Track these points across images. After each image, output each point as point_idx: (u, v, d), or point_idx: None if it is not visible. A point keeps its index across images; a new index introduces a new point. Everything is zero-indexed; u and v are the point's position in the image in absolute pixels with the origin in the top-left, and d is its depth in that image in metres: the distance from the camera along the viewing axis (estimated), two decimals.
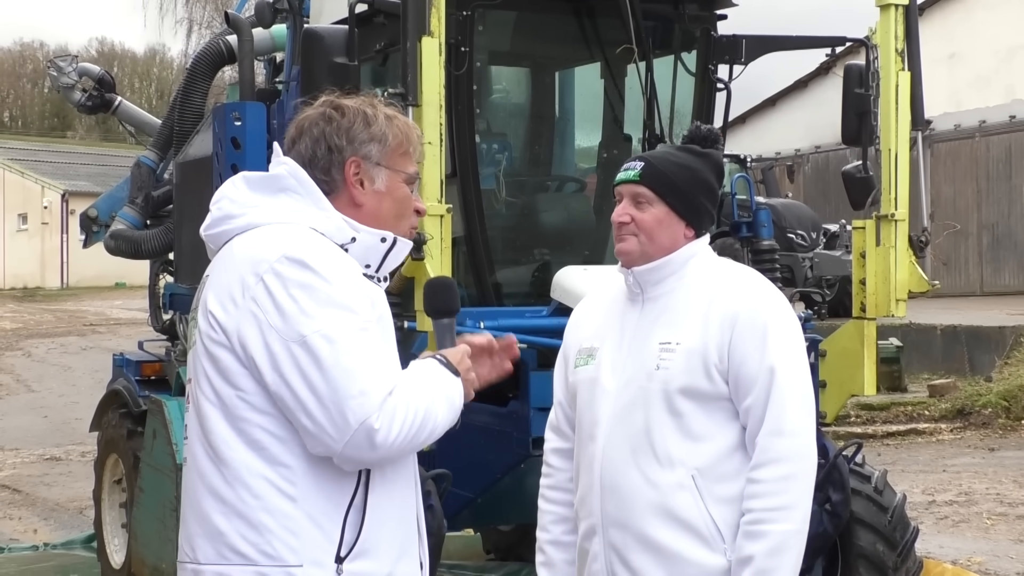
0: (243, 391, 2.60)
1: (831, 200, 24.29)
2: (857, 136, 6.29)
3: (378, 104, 2.84)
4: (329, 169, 2.76)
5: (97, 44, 69.10)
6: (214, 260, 2.76)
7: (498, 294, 6.34)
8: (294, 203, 2.72)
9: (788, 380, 3.12)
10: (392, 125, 2.81)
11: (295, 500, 2.57)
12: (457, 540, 8.19)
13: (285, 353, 2.54)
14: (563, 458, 3.45)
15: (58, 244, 45.01)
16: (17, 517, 10.46)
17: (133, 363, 8.04)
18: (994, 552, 8.55)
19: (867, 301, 6.14)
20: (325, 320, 2.54)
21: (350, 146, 2.77)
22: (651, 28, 6.54)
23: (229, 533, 2.59)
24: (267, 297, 2.57)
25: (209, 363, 2.64)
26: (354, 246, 2.71)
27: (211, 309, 2.64)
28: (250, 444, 2.59)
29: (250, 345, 2.58)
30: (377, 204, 2.79)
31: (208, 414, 2.64)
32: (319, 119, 2.79)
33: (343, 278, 2.61)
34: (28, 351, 23.51)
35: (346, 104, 2.80)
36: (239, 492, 2.58)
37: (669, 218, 3.27)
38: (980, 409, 14.22)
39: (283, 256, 2.59)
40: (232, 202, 2.75)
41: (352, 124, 2.77)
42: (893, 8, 6.10)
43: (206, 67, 7.88)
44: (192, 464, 2.69)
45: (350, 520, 2.61)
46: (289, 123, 2.88)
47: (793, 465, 3.10)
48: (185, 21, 40.98)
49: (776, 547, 3.06)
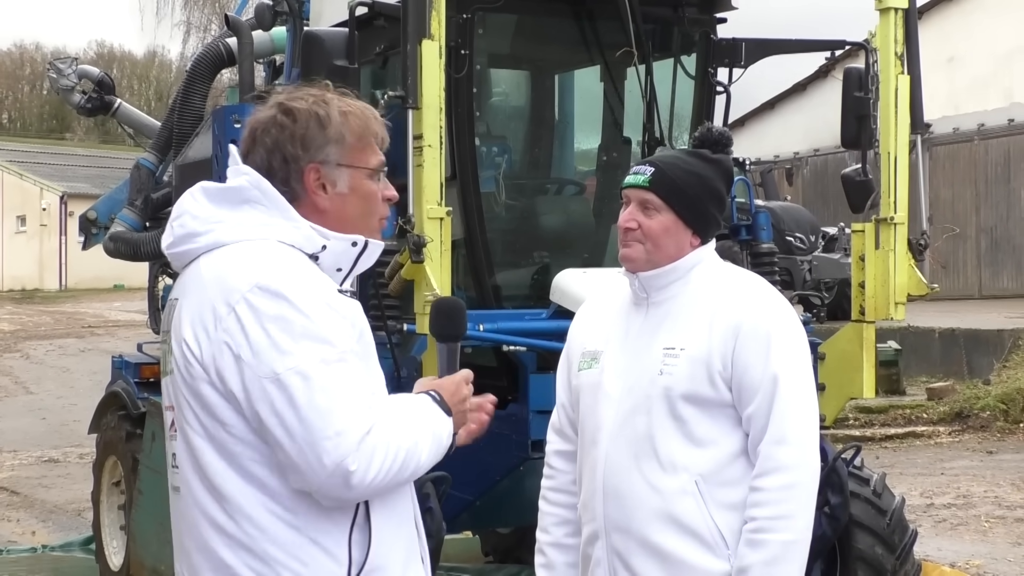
0: (228, 424, 2.52)
1: (830, 203, 24.33)
2: (856, 139, 6.30)
3: (330, 99, 2.68)
4: (288, 180, 2.64)
5: (96, 46, 69.17)
6: (181, 280, 2.67)
7: (497, 296, 6.34)
8: (259, 216, 2.61)
9: (791, 389, 3.12)
10: (348, 121, 2.67)
11: (298, 528, 2.52)
12: (456, 543, 8.18)
13: (259, 390, 2.46)
14: (565, 460, 3.45)
15: (56, 246, 44.99)
16: (15, 519, 10.45)
17: (132, 365, 8.03)
18: (992, 555, 8.55)
19: (866, 304, 6.15)
20: (300, 355, 2.45)
21: (306, 153, 2.64)
22: (651, 31, 6.55)
23: (236, 566, 2.54)
24: (239, 331, 2.48)
25: (191, 396, 2.56)
26: (325, 254, 2.62)
27: (186, 339, 2.55)
28: (245, 476, 2.53)
29: (227, 379, 2.50)
30: (341, 206, 2.68)
31: (199, 447, 2.57)
32: (271, 126, 2.66)
33: (318, 306, 2.50)
34: (26, 353, 23.49)
35: (297, 107, 2.66)
36: (242, 525, 2.53)
37: (676, 226, 3.25)
38: (978, 412, 14.23)
39: (255, 286, 2.49)
40: (195, 218, 2.64)
41: (306, 129, 2.64)
42: (893, 12, 6.11)
43: (205, 69, 7.88)
44: (188, 496, 2.62)
45: (355, 539, 2.56)
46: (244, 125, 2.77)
47: (796, 474, 3.10)
48: (183, 24, 41.00)
49: (776, 557, 3.07)
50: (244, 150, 2.70)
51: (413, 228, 5.32)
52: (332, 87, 2.75)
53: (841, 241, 19.35)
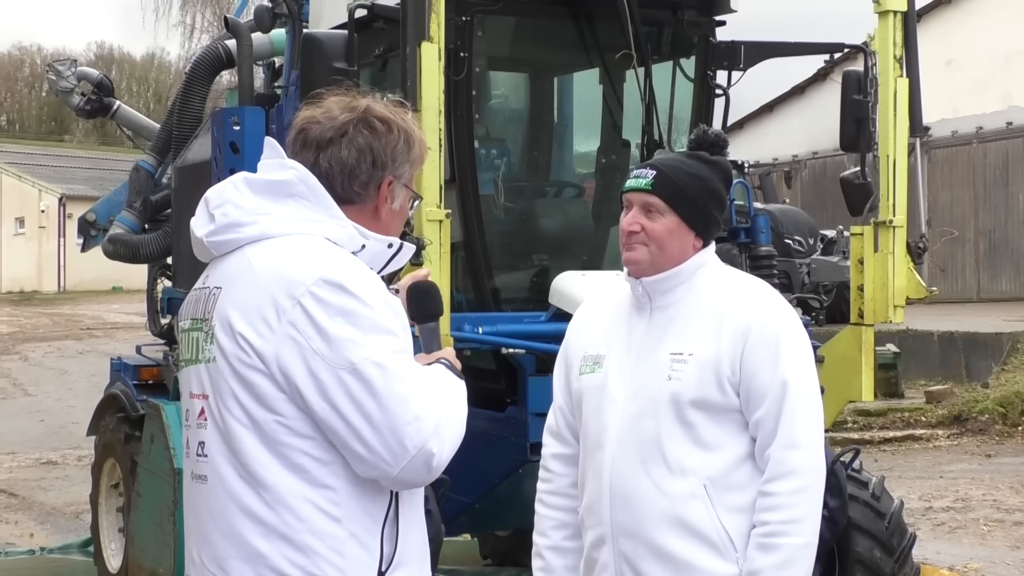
0: (283, 416, 2.56)
1: (828, 206, 24.32)
2: (855, 142, 6.30)
3: (410, 120, 2.80)
4: (368, 184, 2.72)
5: (95, 48, 69.22)
6: (221, 268, 2.69)
7: (496, 299, 6.34)
8: (305, 211, 2.66)
9: (800, 393, 3.13)
10: (422, 147, 2.81)
11: (340, 521, 2.57)
12: (454, 545, 8.19)
13: (334, 381, 2.52)
14: (563, 463, 3.44)
15: (55, 248, 44.97)
16: (13, 521, 10.44)
17: (131, 367, 8.03)
18: (991, 559, 8.56)
19: (865, 307, 6.15)
20: (372, 346, 2.53)
21: (392, 165, 2.74)
22: (650, 34, 6.55)
23: (272, 555, 2.57)
24: (309, 323, 2.53)
25: (240, 386, 2.58)
26: (362, 253, 2.69)
27: (240, 331, 2.57)
28: (291, 467, 2.56)
29: (292, 372, 2.53)
30: (390, 221, 2.79)
31: (240, 436, 2.59)
32: (363, 127, 2.72)
33: (379, 300, 2.59)
34: (25, 355, 23.47)
35: (391, 118, 2.75)
36: (282, 515, 2.56)
37: (680, 229, 3.25)
38: (977, 415, 14.23)
39: (320, 279, 2.55)
40: (238, 208, 2.67)
41: (398, 142, 2.74)
42: (892, 15, 6.12)
43: (205, 71, 7.88)
44: (219, 484, 2.63)
45: (387, 534, 2.62)
46: (301, 115, 2.78)
47: (806, 478, 3.11)
48: (182, 25, 40.97)
49: (787, 560, 3.08)
50: (321, 141, 2.71)
51: (412, 230, 5.32)
52: (385, 97, 2.84)
53: (840, 244, 19.35)
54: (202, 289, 2.74)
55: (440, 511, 5.15)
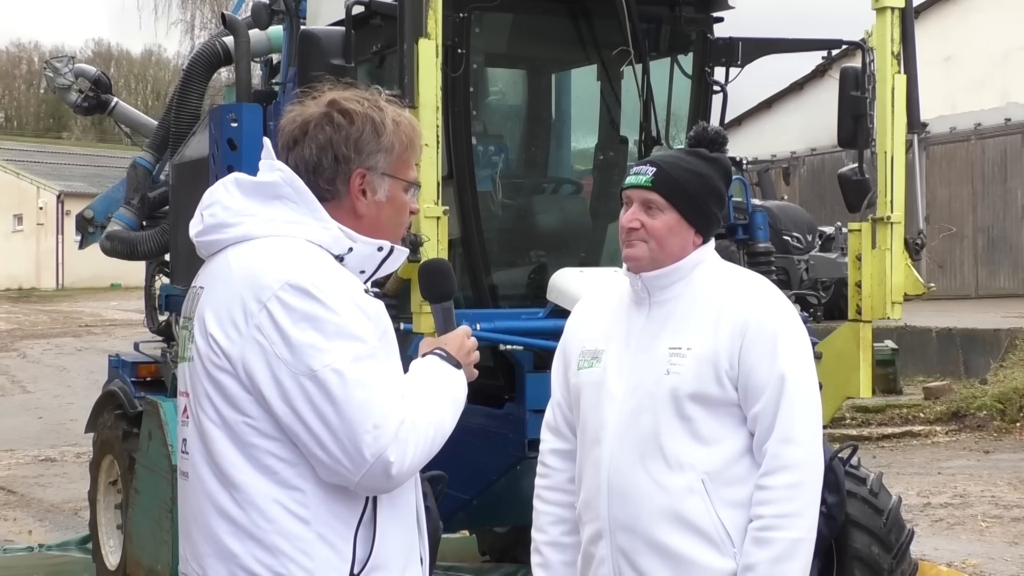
0: (251, 417, 2.57)
1: (826, 202, 24.32)
2: (853, 139, 6.30)
3: (384, 105, 2.74)
4: (334, 179, 2.69)
5: (93, 45, 69.17)
6: (206, 269, 2.71)
7: (494, 296, 6.34)
8: (290, 213, 2.65)
9: (798, 388, 3.14)
10: (399, 132, 2.73)
11: (308, 522, 2.57)
12: (453, 542, 8.19)
13: (295, 387, 2.51)
14: (561, 459, 3.44)
15: (53, 245, 44.95)
16: (12, 518, 10.44)
17: (129, 364, 8.03)
18: (989, 555, 8.56)
19: (863, 303, 6.15)
20: (335, 353, 2.51)
21: (358, 157, 2.69)
22: (647, 30, 6.55)
23: (242, 555, 2.58)
24: (273, 328, 2.53)
25: (212, 386, 2.60)
26: (350, 256, 2.67)
27: (211, 332, 2.59)
28: (260, 468, 2.57)
29: (256, 375, 2.54)
30: (376, 214, 2.74)
31: (213, 436, 2.60)
32: (324, 123, 2.69)
33: (347, 304, 2.56)
34: (23, 352, 23.48)
35: (353, 109, 2.69)
36: (251, 515, 2.57)
37: (680, 225, 3.26)
38: (975, 412, 14.23)
39: (286, 283, 2.54)
40: (225, 209, 2.68)
41: (361, 133, 2.69)
42: (889, 11, 6.11)
43: (202, 68, 7.88)
44: (197, 482, 2.66)
45: (360, 537, 2.61)
46: (284, 115, 2.78)
47: (802, 473, 3.12)
48: (180, 23, 40.94)
49: (783, 554, 3.08)
50: (289, 141, 2.72)
51: (410, 227, 5.31)
52: (383, 93, 2.79)
53: (838, 240, 19.35)
54: (193, 288, 2.76)
55: (438, 507, 5.15)
